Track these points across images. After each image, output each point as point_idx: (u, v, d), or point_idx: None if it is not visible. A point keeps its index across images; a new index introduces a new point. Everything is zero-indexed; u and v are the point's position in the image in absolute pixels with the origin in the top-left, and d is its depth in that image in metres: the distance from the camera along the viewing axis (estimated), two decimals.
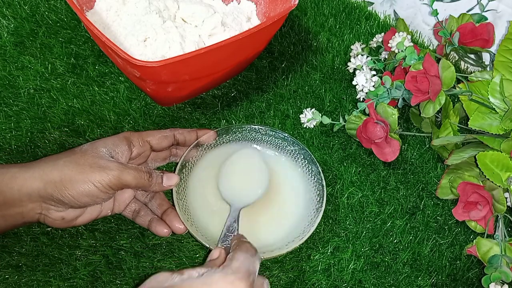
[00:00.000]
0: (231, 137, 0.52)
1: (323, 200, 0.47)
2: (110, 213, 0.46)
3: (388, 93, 0.54)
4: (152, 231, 0.45)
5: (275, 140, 0.53)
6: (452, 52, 0.64)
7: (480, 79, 0.52)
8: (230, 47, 0.48)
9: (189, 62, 0.45)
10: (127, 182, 0.41)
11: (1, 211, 0.40)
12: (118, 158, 0.43)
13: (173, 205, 0.46)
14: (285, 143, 0.52)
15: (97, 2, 0.58)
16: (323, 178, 0.48)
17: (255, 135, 0.53)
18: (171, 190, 0.46)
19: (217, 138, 0.51)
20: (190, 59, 0.45)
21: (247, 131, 0.52)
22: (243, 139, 0.53)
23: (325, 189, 0.48)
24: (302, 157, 0.51)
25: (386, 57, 0.61)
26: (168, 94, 0.52)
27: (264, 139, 0.53)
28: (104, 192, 0.41)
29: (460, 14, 0.57)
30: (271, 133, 0.52)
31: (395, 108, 0.52)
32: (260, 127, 0.52)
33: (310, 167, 0.50)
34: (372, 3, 0.73)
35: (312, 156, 0.50)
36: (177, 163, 0.48)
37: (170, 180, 0.45)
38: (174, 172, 0.47)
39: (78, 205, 0.41)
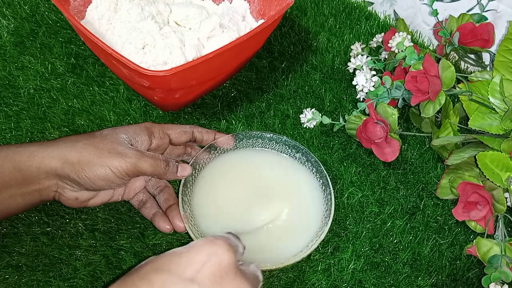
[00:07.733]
0: (245, 143, 0.52)
1: (330, 213, 0.46)
2: (120, 199, 0.47)
3: (388, 93, 0.54)
4: (154, 225, 0.46)
5: (289, 150, 0.52)
6: (452, 52, 0.64)
7: (480, 79, 0.52)
8: (236, 49, 0.48)
9: (198, 67, 0.45)
10: (144, 169, 0.42)
11: (20, 189, 0.41)
12: (137, 147, 0.44)
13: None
14: (299, 155, 0.52)
15: (88, 12, 0.57)
16: (332, 194, 0.48)
17: (271, 144, 0.52)
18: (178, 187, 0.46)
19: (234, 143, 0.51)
20: (199, 65, 0.45)
21: (265, 140, 0.52)
22: (257, 146, 0.52)
23: (333, 202, 0.47)
24: (315, 171, 0.50)
25: (386, 57, 0.61)
26: (175, 101, 0.52)
27: (278, 148, 0.52)
28: (120, 177, 0.41)
29: (460, 14, 0.57)
30: (287, 142, 0.52)
31: (395, 108, 0.52)
32: (278, 136, 0.52)
33: (322, 181, 0.49)
34: (372, 3, 0.73)
35: (328, 178, 0.49)
36: (189, 162, 0.49)
37: (184, 171, 0.46)
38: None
39: (92, 187, 0.42)
